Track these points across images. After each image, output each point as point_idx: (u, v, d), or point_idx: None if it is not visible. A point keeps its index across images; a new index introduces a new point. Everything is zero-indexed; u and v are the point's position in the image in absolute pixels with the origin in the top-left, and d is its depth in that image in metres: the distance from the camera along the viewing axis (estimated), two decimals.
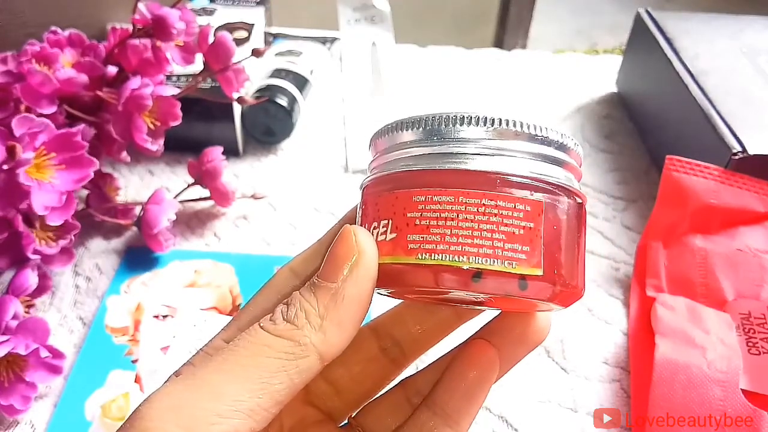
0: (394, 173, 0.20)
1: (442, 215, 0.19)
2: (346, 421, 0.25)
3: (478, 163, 0.19)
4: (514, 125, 0.19)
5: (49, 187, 0.38)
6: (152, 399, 0.18)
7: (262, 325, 0.19)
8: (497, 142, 0.19)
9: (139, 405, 0.18)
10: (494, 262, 0.18)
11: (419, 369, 0.26)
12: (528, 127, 0.19)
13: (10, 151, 0.36)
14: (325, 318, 0.19)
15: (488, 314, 0.25)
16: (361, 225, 0.21)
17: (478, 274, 0.18)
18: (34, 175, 0.37)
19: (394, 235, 0.19)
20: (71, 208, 0.39)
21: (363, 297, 0.19)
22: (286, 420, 0.24)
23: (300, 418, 0.24)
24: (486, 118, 0.19)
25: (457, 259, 0.18)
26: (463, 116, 0.19)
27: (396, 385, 0.26)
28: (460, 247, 0.18)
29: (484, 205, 0.18)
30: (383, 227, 0.20)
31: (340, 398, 0.25)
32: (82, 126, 0.40)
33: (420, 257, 0.19)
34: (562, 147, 0.20)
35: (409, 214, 0.19)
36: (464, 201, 0.18)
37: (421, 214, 0.19)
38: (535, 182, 0.19)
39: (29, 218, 0.39)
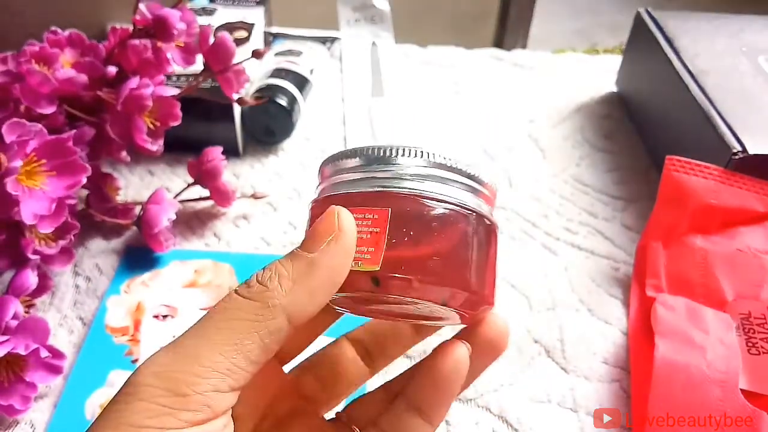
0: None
1: None
2: (333, 416, 0.28)
3: (350, 186, 0.23)
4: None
5: (39, 194, 0.37)
6: (140, 367, 0.19)
7: (236, 290, 0.20)
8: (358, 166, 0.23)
9: (130, 374, 0.19)
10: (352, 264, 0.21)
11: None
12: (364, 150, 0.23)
13: None
14: (296, 282, 0.20)
15: None
16: None
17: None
18: (25, 182, 0.37)
19: None
20: (62, 216, 0.38)
21: (337, 270, 0.21)
22: (280, 405, 0.26)
23: (291, 407, 0.26)
24: (362, 150, 0.23)
25: None
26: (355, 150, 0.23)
27: (378, 387, 0.28)
28: None
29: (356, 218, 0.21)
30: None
31: (325, 392, 0.27)
32: (73, 132, 0.40)
33: None
34: (394, 154, 0.22)
35: None
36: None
37: None
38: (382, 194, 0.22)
39: (20, 225, 0.38)
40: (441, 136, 0.59)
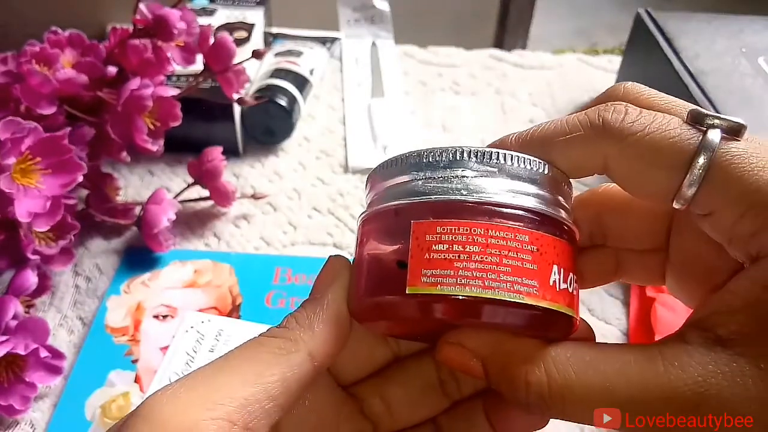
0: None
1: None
2: None
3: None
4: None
5: (34, 192, 0.37)
6: (155, 393, 0.19)
7: (260, 334, 0.21)
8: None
9: (146, 397, 0.19)
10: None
11: None
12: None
13: None
14: (313, 319, 0.21)
15: None
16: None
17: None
18: (20, 180, 0.36)
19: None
20: (58, 213, 0.38)
21: (343, 302, 0.21)
22: (343, 426, 0.24)
23: (357, 429, 0.25)
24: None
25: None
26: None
27: None
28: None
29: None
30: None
31: (392, 419, 0.25)
32: (68, 129, 0.39)
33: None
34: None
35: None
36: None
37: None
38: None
39: (18, 224, 0.38)
40: (441, 136, 0.59)
